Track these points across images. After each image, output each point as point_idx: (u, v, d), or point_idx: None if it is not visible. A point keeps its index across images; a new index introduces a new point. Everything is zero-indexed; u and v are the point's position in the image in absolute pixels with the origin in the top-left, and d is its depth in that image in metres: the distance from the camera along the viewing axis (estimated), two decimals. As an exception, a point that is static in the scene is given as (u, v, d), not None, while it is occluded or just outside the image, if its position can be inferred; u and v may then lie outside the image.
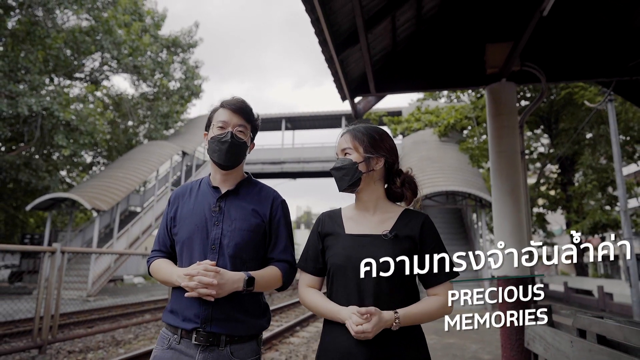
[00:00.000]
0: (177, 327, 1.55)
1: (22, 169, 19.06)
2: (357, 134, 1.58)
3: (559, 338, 2.85)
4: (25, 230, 26.14)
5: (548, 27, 4.63)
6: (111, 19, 18.52)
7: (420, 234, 1.52)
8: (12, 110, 14.97)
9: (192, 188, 1.73)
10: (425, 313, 1.44)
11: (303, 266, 1.61)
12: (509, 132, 4.71)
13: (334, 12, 3.73)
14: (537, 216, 19.20)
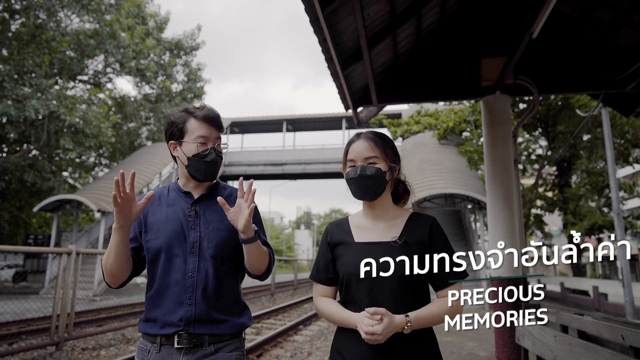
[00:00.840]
0: (156, 334, 1.53)
1: (27, 170, 19.36)
2: (379, 142, 1.57)
3: (544, 333, 3.15)
4: (28, 230, 26.42)
5: (540, 43, 4.92)
6: (115, 23, 18.81)
7: (429, 237, 1.53)
8: (20, 114, 15.26)
9: (160, 195, 1.71)
10: (436, 315, 1.44)
11: (315, 277, 1.61)
12: (503, 142, 5.02)
13: (340, 33, 4.03)
14: (534, 217, 19.51)
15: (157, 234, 1.60)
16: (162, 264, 1.57)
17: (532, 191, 18.98)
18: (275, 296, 16.18)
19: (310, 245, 73.04)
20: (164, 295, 1.54)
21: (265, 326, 9.41)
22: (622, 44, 4.73)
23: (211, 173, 1.62)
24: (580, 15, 4.80)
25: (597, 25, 4.77)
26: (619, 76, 4.83)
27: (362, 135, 1.59)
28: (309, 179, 27.54)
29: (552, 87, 5.22)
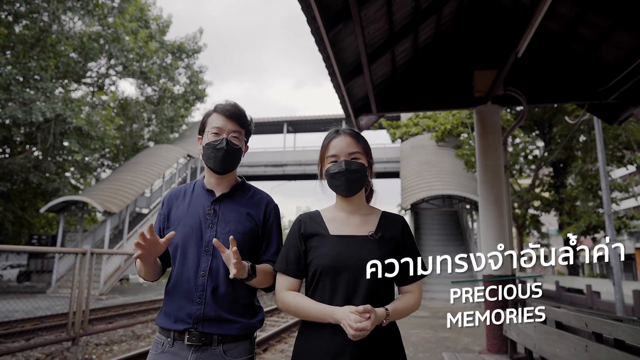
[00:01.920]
0: (169, 329, 1.55)
1: (31, 171, 19.68)
2: (360, 138, 1.61)
3: (526, 325, 3.52)
4: (31, 231, 26.72)
5: (528, 56, 5.27)
6: (119, 27, 19.15)
7: (402, 235, 1.57)
8: (26, 117, 15.60)
9: (186, 190, 1.73)
10: (406, 308, 1.50)
11: (284, 269, 1.57)
12: (494, 149, 5.38)
13: (342, 50, 4.39)
14: (531, 217, 19.89)
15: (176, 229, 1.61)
16: (179, 259, 1.59)
17: (529, 192, 19.36)
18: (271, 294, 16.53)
19: (310, 245, 73.35)
20: (177, 291, 1.57)
21: (269, 323, 9.77)
22: (604, 58, 5.09)
23: (221, 162, 1.63)
24: (566, 32, 5.16)
25: (581, 41, 5.13)
26: (601, 88, 5.19)
27: (342, 131, 1.61)
28: (309, 180, 27.88)
29: (540, 97, 5.58)
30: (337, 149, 1.56)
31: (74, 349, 6.62)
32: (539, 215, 20.22)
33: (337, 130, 1.62)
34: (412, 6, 4.58)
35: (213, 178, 1.70)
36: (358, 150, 1.56)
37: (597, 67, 5.22)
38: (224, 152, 1.62)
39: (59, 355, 6.39)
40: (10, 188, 20.51)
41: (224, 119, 1.65)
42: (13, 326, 8.42)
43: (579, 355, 2.45)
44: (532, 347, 3.34)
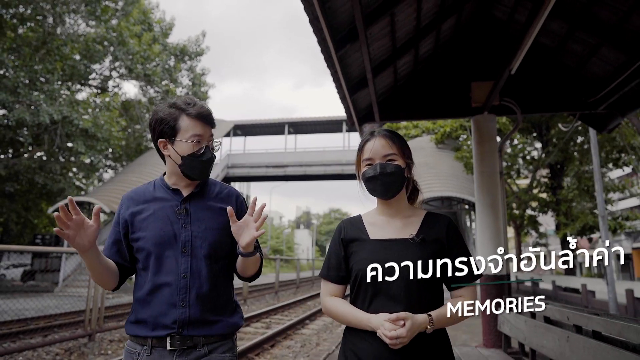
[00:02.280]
0: (146, 336, 1.48)
1: (37, 172, 20.00)
2: (396, 139, 1.56)
3: (518, 320, 3.85)
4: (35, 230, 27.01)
5: (523, 69, 5.59)
6: (124, 30, 19.47)
7: (447, 236, 1.52)
8: (34, 119, 15.92)
9: (145, 191, 1.64)
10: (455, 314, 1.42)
11: (325, 275, 1.57)
12: (490, 156, 5.72)
13: (348, 65, 4.73)
14: (528, 218, 20.25)
15: (146, 233, 1.53)
16: (153, 264, 1.52)
17: (526, 192, 19.72)
18: (279, 294, 16.88)
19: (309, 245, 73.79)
20: (155, 297, 1.49)
21: (274, 321, 10.10)
22: (593, 71, 5.42)
23: (206, 172, 1.59)
24: (558, 46, 5.49)
25: (572, 55, 5.46)
26: (591, 99, 5.53)
27: (377, 133, 1.57)
28: (310, 180, 28.22)
29: (534, 107, 5.92)
30: (372, 152, 1.52)
31: (90, 345, 6.96)
32: (537, 216, 20.58)
33: (372, 132, 1.58)
34: (413, 24, 4.91)
35: (183, 181, 1.61)
36: (394, 152, 1.52)
37: (587, 80, 5.55)
38: (210, 162, 1.57)
39: (77, 350, 6.72)
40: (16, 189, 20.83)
41: (202, 124, 1.55)
42: (28, 324, 8.75)
43: (562, 345, 2.79)
44: (523, 340, 3.67)
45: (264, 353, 6.67)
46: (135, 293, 1.56)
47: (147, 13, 22.77)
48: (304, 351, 6.85)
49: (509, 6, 5.47)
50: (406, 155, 1.56)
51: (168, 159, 1.59)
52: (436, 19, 5.12)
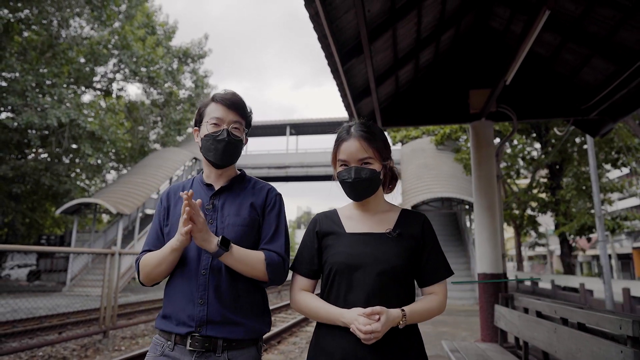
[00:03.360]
0: (171, 332, 1.47)
1: (43, 173, 20.32)
2: (372, 141, 1.50)
3: (512, 315, 4.13)
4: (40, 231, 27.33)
5: (519, 77, 5.87)
6: (129, 34, 19.77)
7: (423, 233, 1.50)
8: (42, 122, 16.22)
9: (184, 187, 1.66)
10: (427, 310, 1.43)
11: (297, 269, 1.54)
12: (487, 160, 6.00)
13: (354, 77, 5.01)
14: (528, 218, 20.51)
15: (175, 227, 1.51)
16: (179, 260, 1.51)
17: (526, 192, 19.98)
18: (282, 293, 17.18)
19: (310, 245, 74.09)
20: (178, 292, 1.50)
21: (279, 319, 10.39)
22: (585, 80, 5.70)
23: (222, 155, 1.55)
24: (552, 56, 5.77)
25: (565, 65, 5.74)
26: (584, 106, 5.80)
27: (354, 132, 1.51)
28: (311, 181, 28.50)
29: (530, 114, 6.19)
30: (347, 154, 1.48)
31: (105, 341, 7.24)
32: (536, 216, 20.84)
33: (348, 130, 1.52)
34: (414, 37, 5.19)
35: (212, 172, 1.63)
36: (369, 155, 1.47)
37: (579, 88, 5.83)
38: (225, 143, 1.54)
39: (92, 346, 7.01)
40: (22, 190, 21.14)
41: (224, 108, 1.57)
42: (42, 321, 9.04)
43: (550, 336, 3.07)
44: (517, 333, 3.95)
45: (271, 349, 6.96)
46: (165, 287, 1.58)
47: (150, 16, 23.08)
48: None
49: (504, 17, 5.75)
50: (383, 157, 1.51)
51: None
52: (435, 31, 5.41)
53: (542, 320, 3.38)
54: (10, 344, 6.93)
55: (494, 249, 5.70)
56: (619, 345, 2.21)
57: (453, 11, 5.39)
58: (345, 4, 3.71)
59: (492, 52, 6.11)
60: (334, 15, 3.76)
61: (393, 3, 4.24)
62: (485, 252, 5.74)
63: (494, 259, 5.70)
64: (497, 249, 5.71)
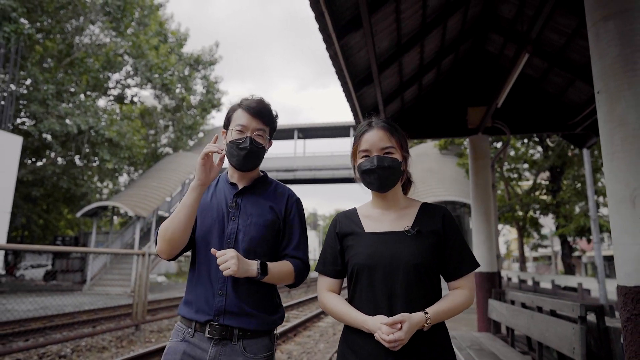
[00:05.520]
0: (191, 319, 1.56)
1: (61, 177, 21.18)
2: (394, 132, 1.51)
3: (501, 307, 4.82)
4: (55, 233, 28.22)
5: (512, 95, 6.55)
6: (144, 43, 20.60)
7: (443, 227, 1.47)
8: (63, 129, 17.07)
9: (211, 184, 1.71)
10: (452, 308, 1.41)
11: (322, 270, 1.56)
12: (484, 171, 6.69)
13: (364, 99, 5.72)
14: (530, 220, 21.09)
15: (201, 220, 1.63)
16: (202, 250, 1.60)
17: (528, 194, 20.57)
18: (291, 292, 17.90)
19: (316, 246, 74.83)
20: (200, 282, 1.59)
21: (292, 315, 11.11)
22: (571, 98, 6.37)
23: (243, 161, 1.63)
24: (541, 77, 6.45)
25: (553, 85, 6.42)
26: (570, 122, 6.48)
27: (375, 124, 1.52)
28: (319, 184, 29.19)
29: (522, 128, 6.86)
30: (369, 144, 1.48)
31: (137, 334, 7.99)
32: (538, 218, 21.41)
33: (369, 123, 1.54)
34: (417, 63, 5.89)
35: (236, 173, 1.71)
36: (391, 145, 1.48)
37: (566, 105, 6.50)
38: (247, 152, 1.61)
39: (126, 338, 7.75)
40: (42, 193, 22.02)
41: (248, 116, 1.63)
42: (75, 317, 9.81)
43: (528, 321, 3.76)
44: (505, 322, 4.64)
45: (288, 341, 7.67)
46: (189, 274, 1.68)
47: (162, 24, 23.91)
48: (323, 339, 7.85)
49: (499, 43, 6.44)
50: (404, 148, 1.53)
51: None
52: (437, 57, 6.10)
53: (524, 309, 4.07)
54: (54, 335, 7.68)
55: (489, 250, 6.38)
56: (573, 324, 2.90)
57: (452, 39, 6.09)
58: (359, 45, 4.42)
59: (488, 73, 6.79)
60: (349, 53, 4.47)
61: (399, 40, 4.95)
62: (482, 253, 6.42)
63: (490, 259, 6.38)
64: (492, 250, 6.40)
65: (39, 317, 9.24)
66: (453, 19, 5.45)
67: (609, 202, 2.07)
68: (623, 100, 2.03)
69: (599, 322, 2.91)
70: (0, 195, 14.38)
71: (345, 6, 3.78)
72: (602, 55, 2.17)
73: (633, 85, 2.01)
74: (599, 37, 2.19)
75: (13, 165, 14.80)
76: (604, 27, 2.16)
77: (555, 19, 5.15)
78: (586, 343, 2.72)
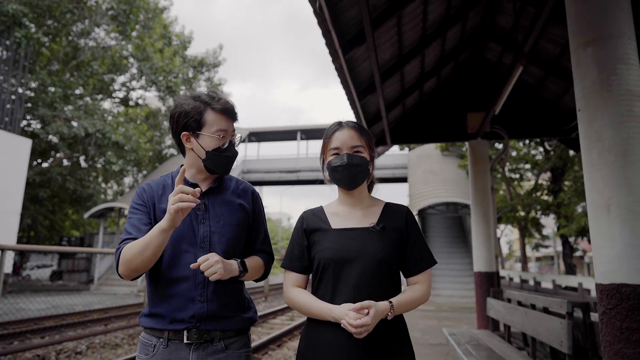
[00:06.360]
0: (163, 329, 1.47)
1: (68, 179, 21.50)
2: (364, 132, 1.58)
3: (499, 305, 5.07)
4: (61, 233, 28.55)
5: (510, 101, 6.79)
6: (148, 46, 20.90)
7: (406, 225, 1.54)
8: (70, 132, 17.38)
9: (165, 185, 1.62)
10: (413, 300, 1.48)
11: (288, 265, 1.58)
12: (483, 174, 6.94)
13: (367, 107, 5.98)
14: (531, 220, 21.30)
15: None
16: (168, 257, 1.50)
17: (530, 195, 20.78)
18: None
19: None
20: (172, 291, 1.48)
21: (296, 314, 11.36)
22: (566, 105, 6.61)
23: (228, 167, 1.60)
24: (538, 84, 6.69)
25: (550, 92, 6.66)
26: (566, 127, 6.72)
27: (345, 124, 1.58)
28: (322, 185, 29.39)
29: (520, 133, 7.11)
30: (340, 142, 1.54)
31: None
32: (539, 218, 21.62)
33: (340, 123, 1.59)
34: (418, 72, 6.15)
35: (202, 175, 1.61)
36: (361, 144, 1.54)
37: (562, 111, 6.74)
38: (233, 158, 1.59)
39: (137, 336, 8.02)
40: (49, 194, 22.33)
41: (226, 119, 1.56)
42: (87, 315, 10.10)
43: (523, 318, 4.01)
44: (502, 319, 4.88)
45: (293, 338, 7.93)
46: (150, 286, 1.54)
47: (167, 27, 24.23)
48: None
49: (497, 51, 6.69)
50: (371, 148, 1.59)
51: (190, 153, 1.58)
52: (437, 66, 6.36)
53: (519, 307, 4.32)
54: (68, 333, 7.97)
55: (488, 251, 6.63)
56: (561, 319, 3.15)
57: (452, 48, 6.34)
58: (362, 57, 4.68)
59: (487, 80, 7.04)
60: (353, 65, 4.73)
61: (400, 51, 5.21)
62: (482, 254, 6.67)
63: (488, 259, 6.63)
64: (491, 251, 6.64)
65: (51, 316, 9.52)
66: (452, 30, 5.71)
67: (588, 210, 2.32)
68: (600, 118, 2.28)
69: (584, 317, 3.16)
70: (11, 196, 14.69)
71: (350, 23, 4.04)
72: (582, 78, 2.42)
73: (609, 105, 2.26)
74: (580, 61, 2.44)
75: (23, 168, 15.12)
76: (583, 53, 2.41)
77: (549, 30, 5.40)
78: (573, 336, 2.97)
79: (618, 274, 2.14)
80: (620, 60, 2.27)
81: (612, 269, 2.16)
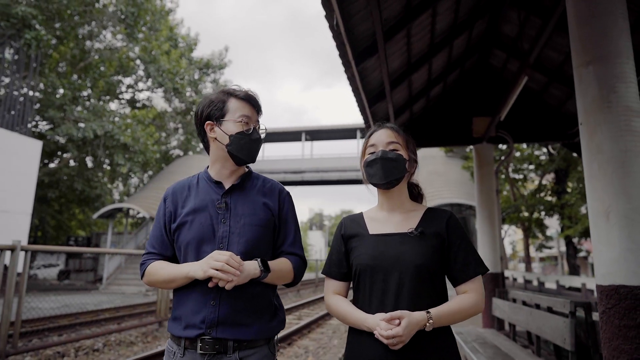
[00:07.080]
0: (180, 337, 1.44)
1: (76, 179, 21.79)
2: (401, 132, 1.56)
3: (504, 305, 5.25)
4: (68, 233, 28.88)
5: (515, 106, 6.96)
6: (155, 49, 21.16)
7: (447, 230, 1.47)
8: (79, 134, 17.66)
9: (190, 185, 1.60)
10: (457, 312, 1.37)
11: (327, 272, 1.56)
12: (488, 177, 7.12)
13: (376, 113, 6.17)
14: (535, 221, 21.42)
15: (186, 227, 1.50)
16: (190, 259, 1.48)
17: (534, 196, 20.90)
18: (300, 292, 18.39)
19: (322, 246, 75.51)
20: (189, 294, 1.46)
21: (303, 314, 11.58)
22: (570, 110, 6.78)
23: (253, 153, 1.55)
24: (542, 89, 6.86)
25: (553, 97, 6.83)
26: (569, 131, 6.89)
27: (385, 124, 1.58)
28: (326, 185, 29.64)
29: (525, 137, 7.28)
30: (376, 139, 1.53)
31: (161, 330, 8.48)
32: (543, 219, 21.73)
33: (379, 124, 1.59)
34: (425, 78, 6.34)
35: (227, 169, 1.58)
36: (397, 142, 1.51)
37: (566, 116, 6.92)
38: (258, 143, 1.56)
39: (150, 334, 8.25)
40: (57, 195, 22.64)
41: (250, 106, 1.57)
42: (98, 314, 10.33)
43: (527, 318, 4.19)
44: (507, 318, 5.07)
45: (302, 337, 8.14)
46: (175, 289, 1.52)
47: (173, 29, 24.49)
48: (336, 336, 8.32)
49: (502, 58, 6.87)
50: (410, 149, 1.55)
51: (213, 144, 1.57)
52: (444, 72, 6.54)
53: (524, 306, 4.51)
54: (84, 331, 8.20)
55: (493, 252, 6.81)
56: (565, 318, 3.34)
57: (458, 55, 6.53)
58: (373, 67, 4.88)
59: (492, 86, 7.21)
60: (364, 74, 4.93)
61: (409, 60, 5.40)
62: (487, 255, 6.85)
63: (494, 260, 6.81)
64: (496, 252, 6.82)
65: (65, 315, 9.76)
66: (459, 38, 5.89)
67: (589, 217, 2.51)
68: (600, 132, 2.47)
69: (586, 316, 3.35)
70: (22, 197, 14.97)
71: (362, 35, 4.24)
72: (584, 94, 2.61)
73: (608, 120, 2.45)
74: (582, 79, 2.63)
75: (33, 169, 15.39)
76: (585, 71, 2.60)
77: (554, 39, 5.58)
78: (575, 335, 3.16)
79: (617, 276, 2.33)
80: (619, 79, 2.46)
81: (611, 271, 2.35)
